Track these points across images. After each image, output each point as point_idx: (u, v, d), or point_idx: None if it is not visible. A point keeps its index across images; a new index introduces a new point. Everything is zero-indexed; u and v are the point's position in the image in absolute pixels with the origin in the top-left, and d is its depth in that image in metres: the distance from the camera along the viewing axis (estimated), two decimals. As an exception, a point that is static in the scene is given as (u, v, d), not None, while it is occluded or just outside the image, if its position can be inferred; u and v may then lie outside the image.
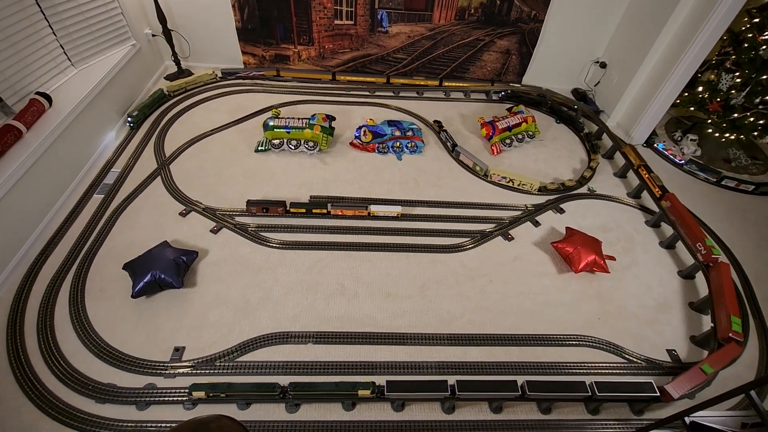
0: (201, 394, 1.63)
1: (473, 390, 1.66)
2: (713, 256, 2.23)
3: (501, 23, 3.47)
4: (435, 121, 3.29)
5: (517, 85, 3.75)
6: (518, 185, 2.84)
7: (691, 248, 2.37)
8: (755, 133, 3.02)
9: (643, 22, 3.17)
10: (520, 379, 1.72)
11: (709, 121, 3.22)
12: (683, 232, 2.44)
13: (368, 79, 3.64)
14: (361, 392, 1.65)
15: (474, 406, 1.80)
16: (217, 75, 3.52)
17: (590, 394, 1.69)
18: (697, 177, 3.17)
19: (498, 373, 1.91)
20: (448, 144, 3.09)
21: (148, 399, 1.69)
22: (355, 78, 3.64)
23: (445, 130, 3.16)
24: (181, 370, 1.79)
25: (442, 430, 1.72)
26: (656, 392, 1.73)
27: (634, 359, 2.02)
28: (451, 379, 1.70)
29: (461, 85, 3.70)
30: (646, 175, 2.78)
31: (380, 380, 1.71)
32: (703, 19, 2.72)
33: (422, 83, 3.67)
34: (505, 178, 2.82)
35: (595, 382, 1.72)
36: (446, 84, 3.68)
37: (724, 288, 2.09)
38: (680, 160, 3.21)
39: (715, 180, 3.12)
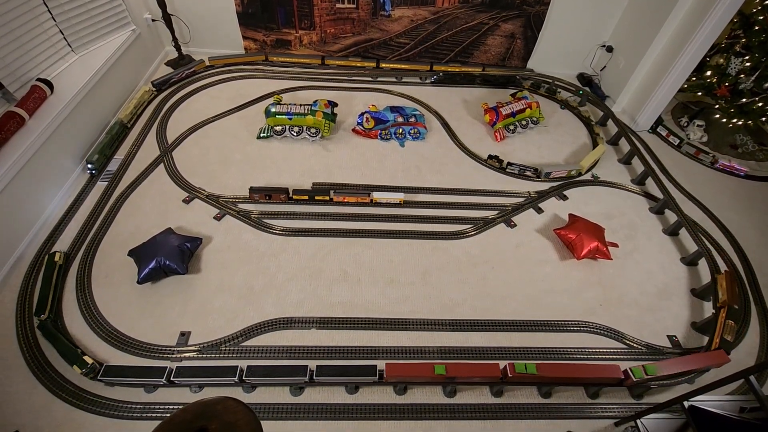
0: None
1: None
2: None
3: (506, 6, 3.40)
4: (490, 157, 2.85)
5: (456, 66, 3.64)
6: (598, 160, 2.97)
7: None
8: (763, 119, 2.98)
9: (652, 3, 3.09)
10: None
11: (717, 106, 3.17)
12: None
13: (303, 61, 3.58)
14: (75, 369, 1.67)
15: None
16: (152, 90, 3.14)
17: (307, 378, 1.70)
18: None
19: (499, 358, 1.94)
20: (528, 172, 2.80)
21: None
22: (289, 60, 3.57)
23: (510, 162, 2.81)
24: (187, 354, 1.83)
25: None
26: (375, 375, 1.70)
27: (635, 345, 2.04)
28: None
29: (398, 66, 3.60)
30: (722, 318, 2.12)
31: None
32: (714, 0, 2.65)
33: (358, 64, 3.59)
34: (592, 166, 2.93)
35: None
36: (382, 65, 3.59)
37: None
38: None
39: (651, 129, 3.35)
